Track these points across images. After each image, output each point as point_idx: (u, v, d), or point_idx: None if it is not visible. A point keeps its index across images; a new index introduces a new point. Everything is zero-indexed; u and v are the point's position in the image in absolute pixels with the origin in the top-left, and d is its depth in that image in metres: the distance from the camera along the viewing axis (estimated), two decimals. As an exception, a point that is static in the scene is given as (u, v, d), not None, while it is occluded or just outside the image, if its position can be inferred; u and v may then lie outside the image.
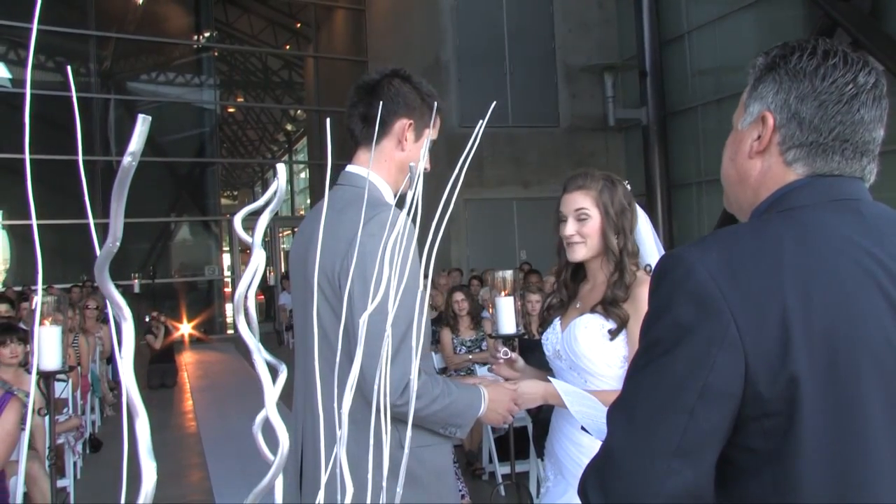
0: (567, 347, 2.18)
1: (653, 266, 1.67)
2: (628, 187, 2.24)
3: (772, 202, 1.05)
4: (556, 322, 2.28)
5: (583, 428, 1.79)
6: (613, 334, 2.09)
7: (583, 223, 2.16)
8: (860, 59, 1.03)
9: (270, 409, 0.52)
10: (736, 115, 1.14)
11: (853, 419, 0.90)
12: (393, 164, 1.93)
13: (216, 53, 18.61)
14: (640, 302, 2.06)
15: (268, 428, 0.60)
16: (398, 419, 1.57)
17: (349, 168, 1.96)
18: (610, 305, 2.11)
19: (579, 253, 2.18)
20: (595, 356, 2.12)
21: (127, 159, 0.42)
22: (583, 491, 0.99)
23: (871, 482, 0.90)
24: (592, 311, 2.15)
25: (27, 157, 0.44)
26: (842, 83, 1.01)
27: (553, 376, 2.19)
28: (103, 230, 0.53)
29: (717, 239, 1.01)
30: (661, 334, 0.95)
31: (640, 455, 0.93)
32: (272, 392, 0.52)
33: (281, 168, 0.59)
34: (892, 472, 0.91)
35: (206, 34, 18.38)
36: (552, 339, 2.26)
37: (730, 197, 1.16)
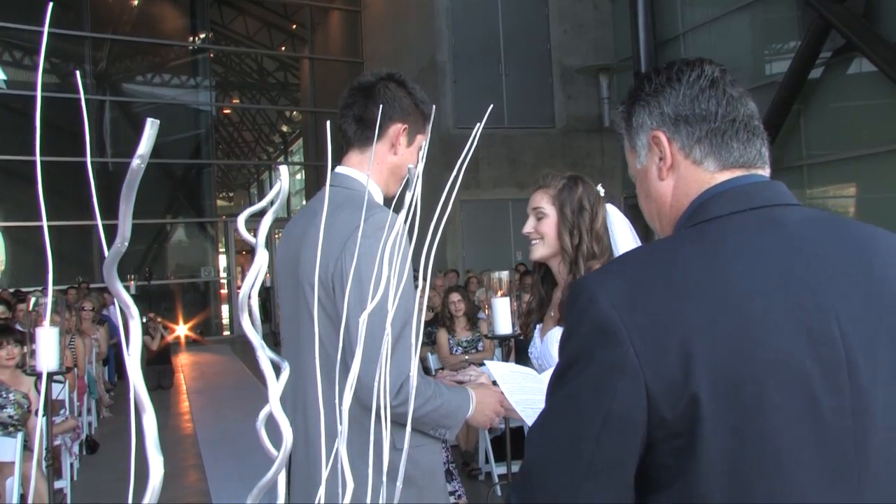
0: (545, 362, 2.14)
1: None
2: (601, 190, 2.20)
3: (689, 214, 1.05)
4: (537, 331, 2.25)
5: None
6: None
7: (540, 221, 2.15)
8: (694, 60, 1.10)
9: (274, 405, 0.54)
10: (630, 163, 1.16)
11: (755, 437, 0.89)
12: (385, 167, 1.93)
13: (212, 55, 18.58)
14: None
15: (268, 424, 0.61)
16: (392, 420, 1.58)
17: (339, 169, 1.93)
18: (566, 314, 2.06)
19: (537, 251, 2.17)
20: None
21: (136, 162, 0.43)
22: None
23: (776, 496, 0.90)
24: (559, 322, 2.11)
25: (38, 159, 0.45)
26: (695, 77, 1.07)
27: None
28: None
29: (623, 264, 1.03)
30: (569, 359, 0.96)
31: (558, 473, 0.94)
32: (276, 388, 0.54)
33: (284, 169, 0.60)
34: (803, 487, 0.90)
35: (202, 36, 18.37)
36: (534, 351, 2.23)
37: (661, 231, 1.15)
